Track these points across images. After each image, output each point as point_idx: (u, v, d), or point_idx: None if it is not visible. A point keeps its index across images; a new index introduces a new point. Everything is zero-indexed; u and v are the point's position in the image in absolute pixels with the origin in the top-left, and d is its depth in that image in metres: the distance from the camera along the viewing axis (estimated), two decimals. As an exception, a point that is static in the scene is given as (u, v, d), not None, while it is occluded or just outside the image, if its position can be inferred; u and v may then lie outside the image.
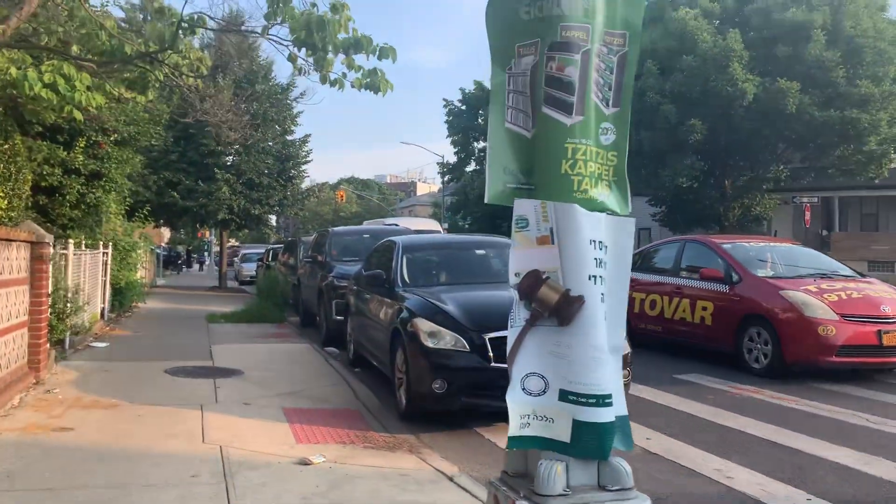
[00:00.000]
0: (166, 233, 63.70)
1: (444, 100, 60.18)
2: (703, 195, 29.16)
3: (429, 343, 6.20)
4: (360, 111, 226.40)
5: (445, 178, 59.36)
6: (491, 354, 5.99)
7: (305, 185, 25.70)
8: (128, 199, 15.80)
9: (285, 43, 5.36)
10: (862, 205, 34.62)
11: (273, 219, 30.84)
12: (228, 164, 23.34)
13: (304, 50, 5.22)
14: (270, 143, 23.88)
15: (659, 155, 27.78)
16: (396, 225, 15.88)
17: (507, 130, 2.98)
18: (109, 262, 13.43)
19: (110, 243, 13.53)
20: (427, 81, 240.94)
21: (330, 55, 5.13)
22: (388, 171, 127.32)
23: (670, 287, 9.30)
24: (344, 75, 5.41)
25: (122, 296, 14.49)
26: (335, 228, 14.19)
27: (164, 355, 9.42)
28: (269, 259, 25.09)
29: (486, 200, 3.20)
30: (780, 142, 28.06)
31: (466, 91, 59.45)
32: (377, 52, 4.98)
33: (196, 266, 53.02)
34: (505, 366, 6.21)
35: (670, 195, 30.58)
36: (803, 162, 29.27)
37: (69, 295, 9.10)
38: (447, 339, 6.17)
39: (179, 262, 51.57)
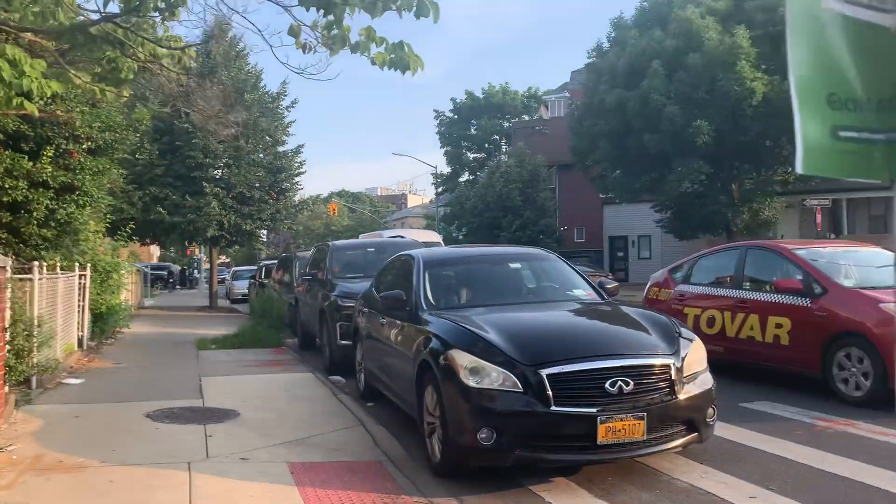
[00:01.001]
0: (156, 250, 62.28)
1: (435, 111, 59.50)
2: (710, 200, 28.11)
3: (470, 381, 4.99)
4: (349, 124, 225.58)
5: (439, 189, 58.43)
6: (550, 394, 4.79)
7: (298, 197, 24.44)
8: (108, 216, 14.54)
9: (288, 4, 4.19)
10: (870, 206, 33.73)
11: (263, 234, 29.48)
12: (217, 177, 22.10)
13: (311, 13, 4.04)
14: (262, 155, 22.67)
15: (664, 158, 26.77)
16: (402, 237, 14.70)
17: (835, 22, 1.59)
18: (88, 284, 12.17)
19: (88, 264, 12.27)
20: (414, 94, 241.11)
21: (346, 21, 3.97)
22: (379, 184, 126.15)
23: (732, 301, 8.08)
24: (361, 45, 4.24)
25: (103, 321, 13.22)
26: (336, 242, 13.00)
27: (147, 393, 8.17)
28: (262, 276, 23.85)
29: (798, 168, 1.85)
30: (789, 143, 27.09)
31: (458, 101, 58.78)
32: (414, 7, 3.80)
33: (188, 284, 51.56)
34: (569, 409, 5.08)
35: (675, 200, 29.59)
36: (813, 163, 28.26)
37: (34, 328, 7.86)
38: (493, 377, 4.96)
39: (171, 280, 50.12)
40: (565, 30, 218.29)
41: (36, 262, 8.54)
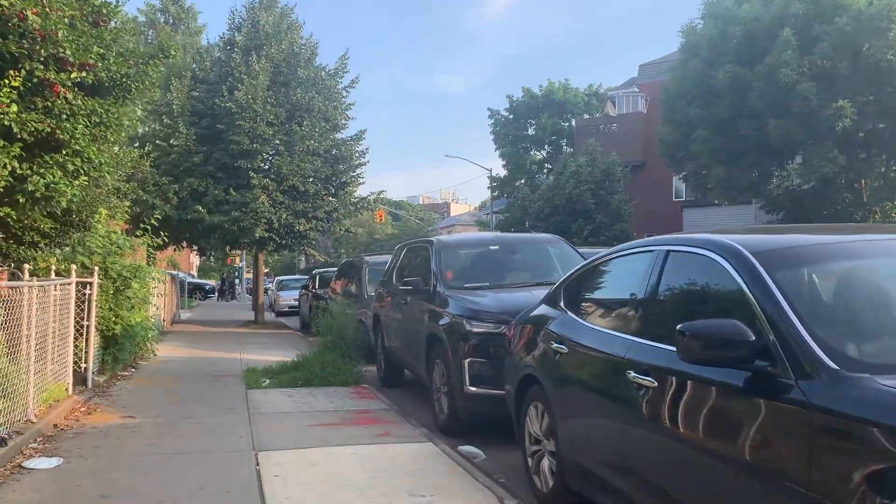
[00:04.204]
0: (194, 258, 59.42)
1: (489, 109, 55.59)
2: (833, 198, 23.82)
3: None
4: (387, 135, 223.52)
5: (494, 193, 54.58)
6: None
7: (359, 192, 20.78)
8: (128, 206, 11.04)
9: None
10: None
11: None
12: (266, 167, 18.56)
13: None
14: (316, 143, 19.02)
15: (791, 147, 22.54)
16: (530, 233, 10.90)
17: None
18: (95, 296, 8.63)
19: (95, 268, 8.73)
20: (449, 106, 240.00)
21: None
22: (420, 192, 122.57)
23: None
24: None
25: (118, 347, 9.65)
26: (441, 239, 9.22)
27: (163, 497, 4.48)
28: (315, 286, 20.22)
29: None
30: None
31: (515, 99, 54.82)
32: None
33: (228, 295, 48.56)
34: None
35: (790, 200, 25.30)
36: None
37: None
38: None
39: (224, 289, 47.39)
40: (610, 35, 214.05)
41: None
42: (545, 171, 52.23)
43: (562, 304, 4.85)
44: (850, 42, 19.86)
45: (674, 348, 3.27)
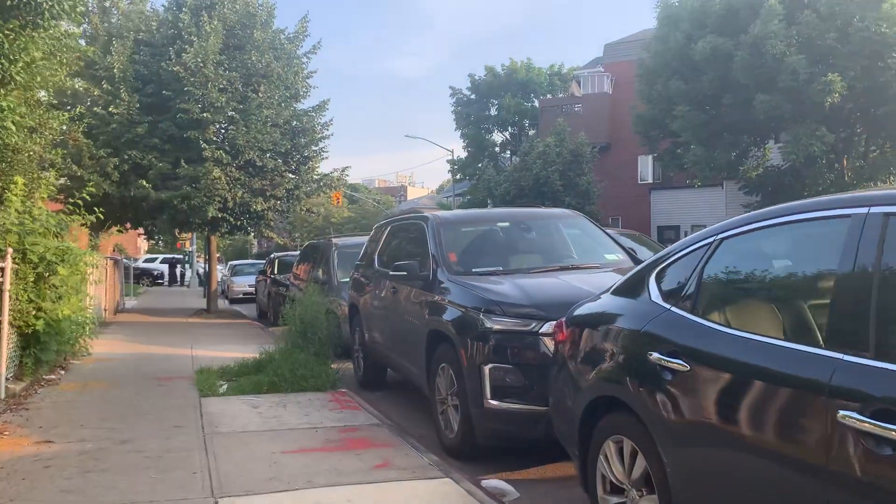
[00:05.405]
0: (142, 242, 56.48)
1: (451, 88, 54.01)
2: (814, 179, 22.99)
3: None
4: (341, 118, 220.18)
5: (457, 176, 53.11)
6: None
7: (322, 169, 19.02)
8: (53, 174, 9.26)
9: None
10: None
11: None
12: (219, 139, 16.70)
13: None
14: (274, 112, 17.18)
15: (776, 124, 21.57)
16: (541, 205, 9.45)
17: None
18: (8, 285, 6.93)
19: (10, 251, 7.02)
20: (405, 89, 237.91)
21: None
22: (376, 176, 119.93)
23: None
24: None
25: (40, 346, 7.93)
26: (439, 214, 7.64)
27: None
28: (274, 271, 18.51)
29: None
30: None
31: (476, 77, 53.20)
32: None
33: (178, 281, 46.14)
34: None
35: (768, 180, 24.45)
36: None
37: None
38: None
39: (177, 272, 45.21)
40: (571, 14, 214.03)
41: None
42: (508, 152, 50.95)
43: (653, 296, 3.43)
44: (839, 13, 18.87)
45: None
